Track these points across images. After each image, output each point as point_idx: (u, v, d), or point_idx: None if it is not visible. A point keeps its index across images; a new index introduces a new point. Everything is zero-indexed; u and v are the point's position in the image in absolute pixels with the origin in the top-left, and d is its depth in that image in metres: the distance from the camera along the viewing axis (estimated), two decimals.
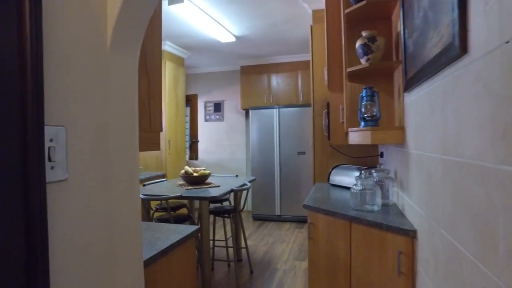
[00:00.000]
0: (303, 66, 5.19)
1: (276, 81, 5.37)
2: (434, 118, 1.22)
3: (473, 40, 0.87)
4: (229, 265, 3.40)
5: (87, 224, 0.88)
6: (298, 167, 4.96)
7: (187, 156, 5.77)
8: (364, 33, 1.97)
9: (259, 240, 4.17)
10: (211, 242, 3.88)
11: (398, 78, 1.91)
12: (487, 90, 0.79)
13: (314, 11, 3.36)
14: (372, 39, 1.91)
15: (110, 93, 0.97)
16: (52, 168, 0.77)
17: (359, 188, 1.98)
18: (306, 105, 4.96)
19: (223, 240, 3.49)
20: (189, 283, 1.62)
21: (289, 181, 5.01)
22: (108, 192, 0.95)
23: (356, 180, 2.01)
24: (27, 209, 0.68)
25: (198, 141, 5.95)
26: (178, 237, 1.52)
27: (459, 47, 0.92)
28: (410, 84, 1.57)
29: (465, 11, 0.90)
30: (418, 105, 1.46)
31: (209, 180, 3.44)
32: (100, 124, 0.93)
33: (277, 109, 5.06)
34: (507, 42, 0.68)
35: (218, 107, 6.00)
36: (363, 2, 1.93)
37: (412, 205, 1.63)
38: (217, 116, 6.01)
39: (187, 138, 5.96)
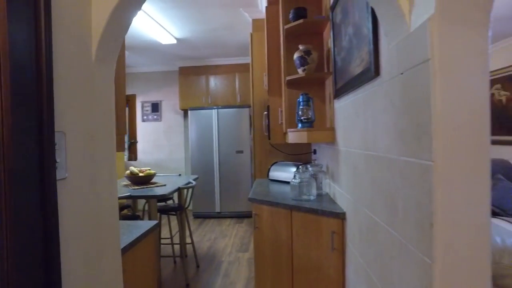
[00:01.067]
0: (241, 68, 5.46)
1: (215, 82, 5.55)
2: (358, 122, 1.56)
3: (383, 67, 1.19)
4: (175, 262, 3.51)
5: (81, 216, 1.00)
6: (237, 165, 5.22)
7: (126, 157, 5.66)
8: (301, 47, 2.28)
9: (202, 236, 4.32)
10: None
11: (329, 86, 2.26)
12: (391, 104, 1.11)
13: (254, 20, 3.63)
14: (307, 52, 2.23)
15: (95, 101, 1.09)
16: (56, 168, 0.89)
17: (297, 181, 2.29)
18: (243, 106, 5.23)
19: (168, 238, 3.58)
20: (152, 273, 1.75)
21: (228, 178, 5.24)
22: (96, 190, 1.08)
23: (294, 174, 2.32)
24: (43, 202, 0.81)
25: (137, 142, 5.85)
26: (141, 231, 1.65)
27: (374, 71, 1.25)
28: (339, 93, 1.91)
29: (377, 46, 1.22)
30: (345, 111, 1.80)
31: (153, 180, 3.50)
32: (88, 129, 1.05)
33: (216, 109, 5.25)
34: (402, 73, 1.00)
35: (155, 107, 5.97)
36: (301, 21, 2.24)
37: (342, 193, 1.98)
38: (155, 116, 5.98)
39: (126, 138, 5.82)
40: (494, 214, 3.23)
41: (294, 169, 2.91)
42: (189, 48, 4.92)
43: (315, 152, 2.96)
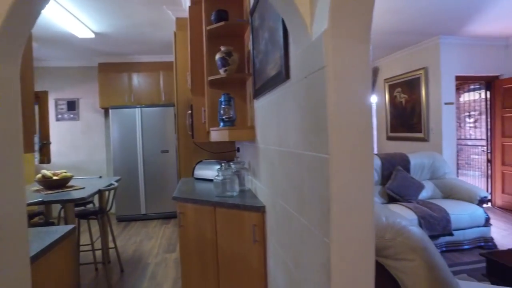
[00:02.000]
0: (165, 66, 5.33)
1: (138, 80, 5.35)
2: (273, 121, 1.68)
3: (292, 71, 1.32)
4: (96, 269, 3.32)
5: None
6: (162, 165, 5.10)
7: (36, 160, 5.12)
8: (222, 48, 2.35)
9: (126, 240, 4.15)
10: None
11: (250, 87, 2.38)
12: (298, 104, 1.24)
13: (177, 19, 3.60)
14: (229, 53, 2.32)
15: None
16: None
17: (220, 178, 2.37)
18: (168, 104, 5.14)
19: (89, 244, 3.36)
20: (70, 281, 1.66)
21: (153, 179, 5.10)
22: None
23: (217, 172, 2.39)
24: None
25: (50, 143, 5.33)
26: (55, 237, 1.56)
27: (285, 74, 1.37)
28: (257, 93, 2.03)
29: (288, 52, 1.35)
30: (263, 110, 1.92)
31: (70, 183, 3.26)
32: None
33: (139, 108, 5.07)
34: (305, 77, 1.14)
35: (72, 105, 5.51)
36: (222, 23, 2.32)
37: (262, 187, 2.10)
38: (72, 115, 5.52)
39: (37, 139, 5.26)
40: (394, 200, 3.72)
41: (218, 167, 2.98)
42: (109, 44, 4.66)
43: (238, 150, 3.06)
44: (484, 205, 5.27)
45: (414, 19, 3.98)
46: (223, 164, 2.44)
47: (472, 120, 7.83)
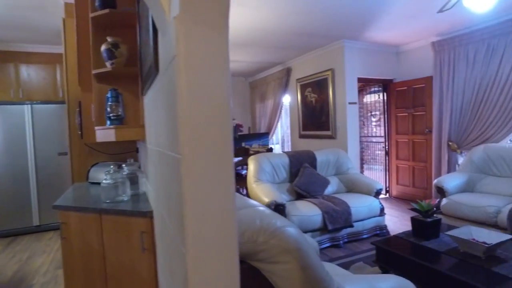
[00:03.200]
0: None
1: (28, 73, 4.68)
2: (152, 119, 1.53)
3: (160, 63, 1.20)
4: None
5: None
6: (60, 169, 4.54)
7: None
8: (109, 39, 2.12)
9: (8, 259, 3.57)
10: None
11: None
12: (163, 100, 1.12)
13: (66, 4, 3.20)
14: (115, 45, 2.09)
15: None
16: None
17: (109, 182, 2.13)
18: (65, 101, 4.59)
19: None
20: None
21: (49, 185, 4.51)
22: None
23: (105, 175, 2.15)
24: None
25: None
26: None
27: (154, 67, 1.24)
28: (144, 89, 1.85)
29: (156, 41, 1.22)
30: (148, 107, 1.76)
31: None
32: None
33: (29, 105, 4.43)
34: (166, 69, 1.02)
35: None
36: (106, 11, 2.08)
37: (151, 190, 1.94)
38: None
39: None
40: (301, 196, 3.83)
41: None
42: None
43: (137, 150, 2.83)
44: (382, 196, 5.82)
45: (319, 22, 4.16)
46: (112, 167, 2.20)
47: (375, 119, 8.61)
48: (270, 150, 6.22)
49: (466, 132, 4.55)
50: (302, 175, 3.90)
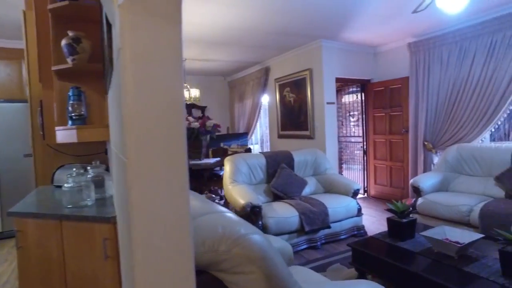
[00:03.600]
0: None
1: None
2: (112, 118, 1.43)
3: (114, 57, 1.10)
4: None
5: None
6: (26, 171, 4.31)
7: None
8: (70, 33, 1.99)
9: None
10: None
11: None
12: (117, 97, 1.03)
13: None
14: (77, 40, 1.96)
15: None
16: None
17: (71, 185, 2.00)
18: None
19: None
20: None
21: (14, 189, 4.28)
22: None
23: (68, 179, 2.02)
24: None
25: None
26: None
27: (109, 61, 1.14)
28: (107, 86, 1.74)
29: (111, 34, 1.12)
30: (109, 105, 1.65)
31: None
32: None
33: None
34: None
35: None
36: (66, 2, 1.95)
37: (115, 194, 1.82)
38: None
39: None
40: (278, 197, 3.78)
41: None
42: None
43: (106, 152, 2.70)
44: (361, 196, 5.85)
45: (296, 22, 4.12)
46: (74, 169, 2.07)
47: (354, 119, 8.69)
48: (249, 150, 6.15)
49: (440, 132, 4.62)
50: (279, 176, 3.84)
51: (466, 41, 4.24)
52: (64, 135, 1.97)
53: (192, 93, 6.14)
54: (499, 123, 4.14)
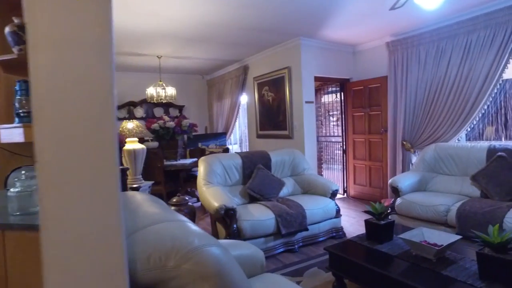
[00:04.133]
0: None
1: None
2: None
3: None
4: None
5: None
6: None
7: None
8: (15, 20, 1.78)
9: None
10: None
11: None
12: None
13: None
14: (22, 28, 1.76)
15: None
16: None
17: (18, 190, 1.80)
18: None
19: None
20: None
21: None
22: None
23: (15, 182, 1.82)
24: None
25: None
26: None
27: None
28: None
29: None
30: None
31: None
32: None
33: None
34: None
35: None
36: None
37: None
38: None
39: None
40: (255, 199, 3.65)
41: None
42: None
43: None
44: (340, 196, 5.81)
45: (273, 18, 4.00)
46: (24, 172, 1.87)
47: (335, 119, 8.68)
48: (227, 150, 6.00)
49: (418, 131, 4.61)
50: (255, 177, 3.71)
51: (443, 40, 4.24)
52: (9, 134, 1.77)
53: (168, 91, 5.94)
54: (474, 122, 4.15)
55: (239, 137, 7.61)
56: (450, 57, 4.17)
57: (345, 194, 5.87)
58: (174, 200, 3.43)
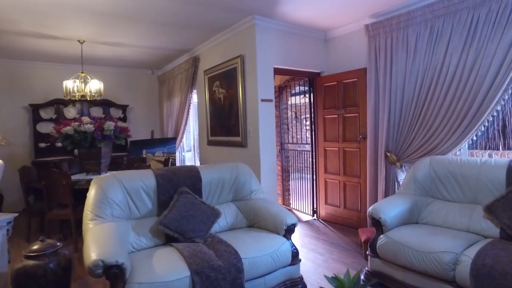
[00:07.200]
0: None
1: None
2: None
3: None
4: None
5: None
6: None
7: None
8: None
9: None
10: None
11: None
12: None
13: None
14: None
15: None
16: None
17: None
18: None
19: None
20: None
21: None
22: None
23: None
24: None
25: None
26: None
27: None
28: None
29: None
30: None
31: None
32: None
33: None
34: None
35: None
36: None
37: None
38: None
39: None
40: (172, 240, 2.44)
41: None
42: None
43: None
44: (309, 218, 4.66)
45: None
46: None
47: (308, 122, 7.56)
48: (167, 161, 4.77)
49: (406, 140, 3.52)
50: (174, 206, 2.50)
51: (439, 20, 3.18)
52: None
53: (93, 86, 4.66)
54: (482, 129, 3.09)
55: (193, 143, 6.37)
56: (449, 41, 3.12)
57: (315, 215, 4.72)
58: (35, 247, 2.15)
